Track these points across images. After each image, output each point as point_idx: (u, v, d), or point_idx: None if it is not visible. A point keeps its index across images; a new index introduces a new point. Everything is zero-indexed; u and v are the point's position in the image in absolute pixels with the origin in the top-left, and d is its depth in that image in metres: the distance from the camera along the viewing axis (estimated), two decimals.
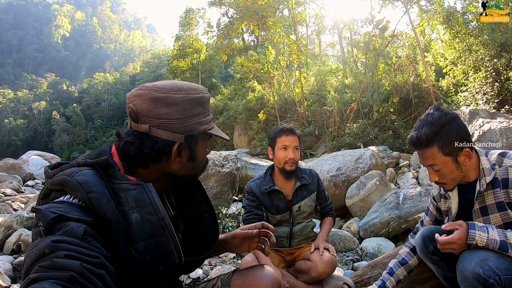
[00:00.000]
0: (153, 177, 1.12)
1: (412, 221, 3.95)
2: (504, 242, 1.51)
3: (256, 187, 2.55)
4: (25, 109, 64.32)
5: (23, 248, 4.15)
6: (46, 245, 0.78)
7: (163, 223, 0.99)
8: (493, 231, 1.54)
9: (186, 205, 1.30)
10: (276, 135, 2.51)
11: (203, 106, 1.16)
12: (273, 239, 1.41)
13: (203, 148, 1.21)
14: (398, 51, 15.07)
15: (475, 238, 1.54)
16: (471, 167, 1.66)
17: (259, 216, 2.48)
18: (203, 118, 1.15)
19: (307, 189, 2.57)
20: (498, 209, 1.63)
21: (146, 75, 56.99)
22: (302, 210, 2.55)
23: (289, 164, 2.44)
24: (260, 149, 16.11)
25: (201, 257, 1.29)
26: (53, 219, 0.83)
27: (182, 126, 1.09)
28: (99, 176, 0.98)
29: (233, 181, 5.07)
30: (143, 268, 0.95)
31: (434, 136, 1.59)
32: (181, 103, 1.09)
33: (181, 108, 1.09)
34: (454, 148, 1.59)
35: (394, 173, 7.30)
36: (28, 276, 0.74)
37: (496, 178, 1.62)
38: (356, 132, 12.32)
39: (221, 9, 31.02)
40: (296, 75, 18.62)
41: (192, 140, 1.13)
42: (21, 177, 11.41)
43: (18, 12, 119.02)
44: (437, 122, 1.59)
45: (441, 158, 1.61)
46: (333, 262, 2.32)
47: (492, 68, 10.68)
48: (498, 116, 7.64)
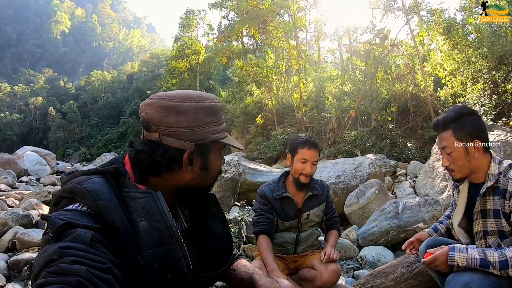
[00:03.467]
0: (166, 187, 1.11)
1: (411, 231, 3.96)
2: (484, 259, 1.60)
3: (269, 192, 2.57)
4: (22, 104, 64.10)
5: (18, 246, 4.10)
6: (53, 251, 0.79)
7: (171, 232, 0.98)
8: (473, 251, 1.64)
9: (200, 220, 1.27)
10: (298, 146, 2.52)
11: (215, 115, 1.15)
12: None
13: (216, 158, 1.19)
14: (397, 60, 15.16)
15: (455, 258, 1.64)
16: (481, 165, 1.76)
17: (270, 220, 2.51)
18: (215, 127, 1.14)
19: (317, 199, 2.60)
20: (493, 216, 1.73)
21: (144, 75, 57.00)
22: (310, 219, 2.58)
23: (304, 177, 2.47)
24: (257, 153, 16.09)
25: (211, 274, 1.25)
26: (61, 226, 0.84)
27: (193, 135, 1.08)
28: (109, 184, 0.99)
29: (235, 186, 5.06)
30: (150, 276, 0.94)
31: (452, 121, 1.76)
32: (191, 111, 1.08)
33: (192, 116, 1.08)
34: (466, 136, 1.72)
35: (391, 182, 7.32)
36: (36, 282, 0.75)
37: (498, 186, 1.70)
38: (354, 139, 12.34)
39: (222, 11, 31.12)
40: (295, 80, 18.64)
41: (204, 149, 1.12)
42: (15, 173, 11.34)
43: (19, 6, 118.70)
44: (458, 110, 1.78)
45: (453, 142, 1.75)
46: (338, 271, 2.33)
47: (490, 80, 10.76)
48: (495, 128, 7.68)
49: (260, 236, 2.46)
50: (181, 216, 1.21)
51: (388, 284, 2.30)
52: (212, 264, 1.24)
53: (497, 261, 1.58)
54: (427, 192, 5.78)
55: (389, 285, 2.29)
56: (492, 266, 1.58)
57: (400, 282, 2.28)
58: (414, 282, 2.25)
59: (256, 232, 2.52)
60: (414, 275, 2.26)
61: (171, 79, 33.91)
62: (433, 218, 3.96)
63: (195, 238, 1.21)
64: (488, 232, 1.77)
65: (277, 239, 2.57)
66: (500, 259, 1.58)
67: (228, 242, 1.32)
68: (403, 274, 2.29)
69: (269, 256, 2.32)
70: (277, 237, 2.58)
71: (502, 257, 1.58)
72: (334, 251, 2.36)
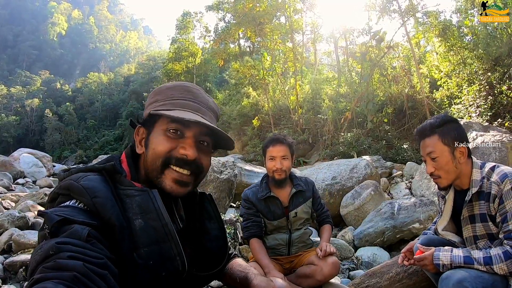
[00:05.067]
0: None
1: (406, 231, 3.98)
2: (468, 257, 1.68)
3: (252, 195, 2.62)
4: (18, 106, 63.72)
5: (14, 248, 4.08)
6: (50, 246, 0.79)
7: (166, 230, 0.98)
8: (458, 250, 1.73)
9: (195, 219, 1.27)
10: (265, 146, 2.61)
11: (164, 93, 1.12)
12: None
13: (157, 136, 1.09)
14: (393, 62, 15.22)
15: (440, 257, 1.73)
16: (465, 171, 1.81)
17: (258, 223, 2.54)
18: (162, 102, 1.10)
19: (302, 195, 2.63)
20: (481, 220, 1.79)
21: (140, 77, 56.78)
22: (299, 217, 2.59)
23: (277, 173, 2.52)
24: (254, 155, 16.11)
25: (205, 274, 1.24)
26: (58, 222, 0.84)
27: (148, 109, 1.12)
28: (105, 181, 1.00)
29: (231, 187, 5.08)
30: (146, 274, 0.95)
31: (437, 126, 1.81)
32: (166, 91, 1.12)
33: (165, 95, 1.11)
34: (452, 141, 1.78)
35: (387, 183, 7.34)
36: (32, 277, 0.75)
37: (483, 190, 1.75)
38: (350, 141, 12.38)
39: (219, 14, 31.14)
40: (291, 82, 18.68)
41: (149, 124, 1.11)
42: (11, 175, 11.27)
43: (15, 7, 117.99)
44: (442, 118, 1.85)
45: (440, 147, 1.79)
46: (337, 263, 2.36)
47: (486, 82, 10.84)
48: (491, 129, 7.74)
49: (252, 240, 2.50)
50: (176, 216, 1.20)
51: (383, 284, 2.30)
52: (206, 264, 1.24)
53: (482, 257, 1.64)
54: (423, 193, 5.80)
55: (384, 284, 2.30)
56: (477, 262, 1.63)
57: (395, 282, 2.28)
58: (409, 282, 2.25)
59: (247, 237, 2.55)
60: (409, 274, 2.27)
61: (168, 81, 33.69)
62: (429, 218, 3.97)
63: (190, 238, 1.21)
64: (478, 237, 1.82)
65: (270, 242, 2.58)
66: (485, 255, 1.64)
67: (224, 242, 1.31)
68: (398, 274, 2.30)
69: (265, 258, 2.34)
70: (270, 239, 2.59)
71: (486, 254, 1.64)
72: (330, 246, 2.38)
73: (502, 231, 1.68)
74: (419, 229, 3.89)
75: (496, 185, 1.70)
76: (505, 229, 1.66)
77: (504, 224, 1.66)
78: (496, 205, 1.70)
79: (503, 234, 1.67)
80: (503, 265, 1.59)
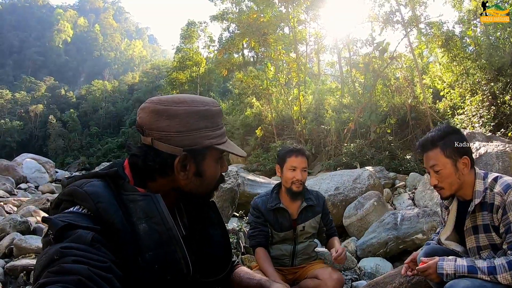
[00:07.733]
0: (163, 191, 1.09)
1: (409, 242, 3.95)
2: (472, 266, 1.66)
3: (261, 204, 2.57)
4: (22, 111, 64.14)
5: (15, 253, 4.08)
6: (55, 251, 0.80)
7: (170, 233, 0.98)
8: (462, 260, 1.71)
9: (198, 225, 1.26)
10: (286, 155, 2.53)
11: (210, 120, 1.13)
12: None
13: (212, 164, 1.16)
14: (396, 72, 15.26)
15: (443, 267, 1.72)
16: (469, 181, 1.81)
17: (265, 233, 2.50)
18: (209, 132, 1.12)
19: (312, 210, 2.59)
20: (484, 231, 1.78)
21: (144, 85, 57.22)
22: (306, 231, 2.56)
23: (296, 185, 2.46)
24: (256, 165, 16.09)
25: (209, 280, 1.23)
26: (62, 227, 0.85)
27: (183, 139, 1.07)
28: (109, 187, 1.00)
29: (234, 197, 5.06)
30: (151, 278, 0.95)
31: (439, 139, 1.81)
32: (182, 115, 1.07)
33: (183, 120, 1.07)
34: (454, 152, 1.78)
35: (390, 194, 7.31)
36: (38, 282, 0.76)
37: (486, 201, 1.75)
38: (353, 152, 12.35)
39: (223, 24, 31.37)
40: (295, 92, 18.73)
41: (197, 155, 1.10)
42: (14, 180, 11.29)
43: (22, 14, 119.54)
44: (444, 129, 1.85)
45: (442, 159, 1.78)
46: (342, 280, 2.32)
47: (489, 92, 10.84)
48: (494, 139, 7.71)
49: (257, 249, 2.46)
50: (180, 224, 1.20)
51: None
52: (210, 270, 1.23)
53: (486, 266, 1.63)
54: (426, 203, 5.76)
55: None
56: (480, 272, 1.62)
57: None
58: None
59: (253, 245, 2.52)
60: (412, 285, 2.25)
61: (172, 90, 33.97)
62: (432, 229, 3.94)
63: (193, 245, 1.20)
64: (481, 247, 1.81)
65: (274, 252, 2.55)
66: (489, 265, 1.63)
67: (227, 249, 1.32)
68: (401, 284, 2.28)
69: (270, 268, 2.32)
70: (274, 249, 2.56)
71: (490, 264, 1.63)
72: (345, 251, 2.36)
73: (506, 241, 1.67)
74: (422, 240, 3.85)
75: (499, 196, 1.69)
76: (509, 239, 1.65)
77: (508, 235, 1.66)
78: (499, 216, 1.69)
79: (506, 245, 1.66)
80: (507, 275, 1.58)
